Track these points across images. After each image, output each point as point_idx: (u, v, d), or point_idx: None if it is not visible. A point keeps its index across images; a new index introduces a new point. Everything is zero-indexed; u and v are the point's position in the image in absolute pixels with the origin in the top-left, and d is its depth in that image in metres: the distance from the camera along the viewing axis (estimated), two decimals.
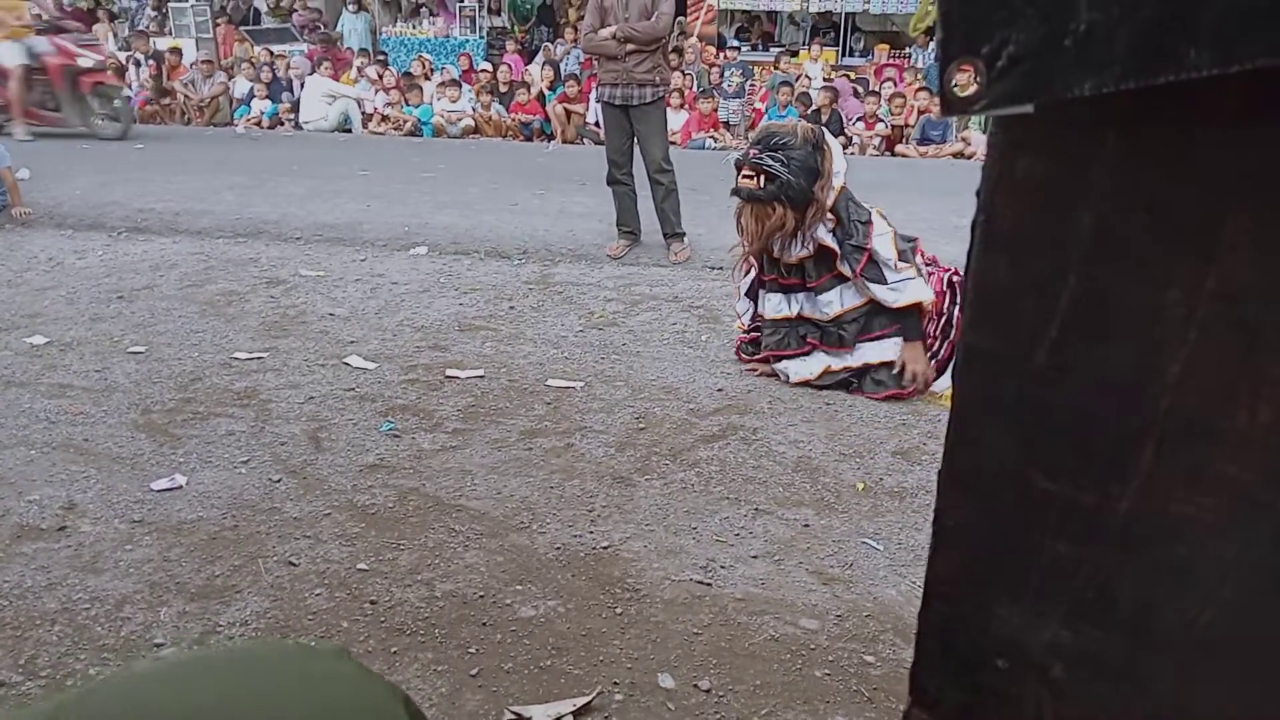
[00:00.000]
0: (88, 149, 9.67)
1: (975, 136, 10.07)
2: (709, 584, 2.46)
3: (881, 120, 10.40)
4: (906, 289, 3.61)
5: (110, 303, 4.68)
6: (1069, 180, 0.50)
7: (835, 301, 3.72)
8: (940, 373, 3.70)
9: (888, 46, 12.96)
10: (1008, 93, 0.47)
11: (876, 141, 10.29)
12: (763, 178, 3.54)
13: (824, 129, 3.80)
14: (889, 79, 11.49)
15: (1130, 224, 0.49)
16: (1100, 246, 0.49)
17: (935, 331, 3.71)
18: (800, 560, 2.58)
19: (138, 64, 12.90)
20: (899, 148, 10.31)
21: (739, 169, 3.65)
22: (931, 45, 12.89)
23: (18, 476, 2.92)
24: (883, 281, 3.62)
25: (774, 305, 3.89)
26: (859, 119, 10.53)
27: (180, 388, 3.63)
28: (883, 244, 3.63)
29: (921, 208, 7.11)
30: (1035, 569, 0.54)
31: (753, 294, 4.04)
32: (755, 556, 2.59)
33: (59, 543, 2.57)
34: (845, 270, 3.67)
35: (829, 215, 3.63)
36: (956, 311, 3.69)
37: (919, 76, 11.50)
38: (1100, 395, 0.51)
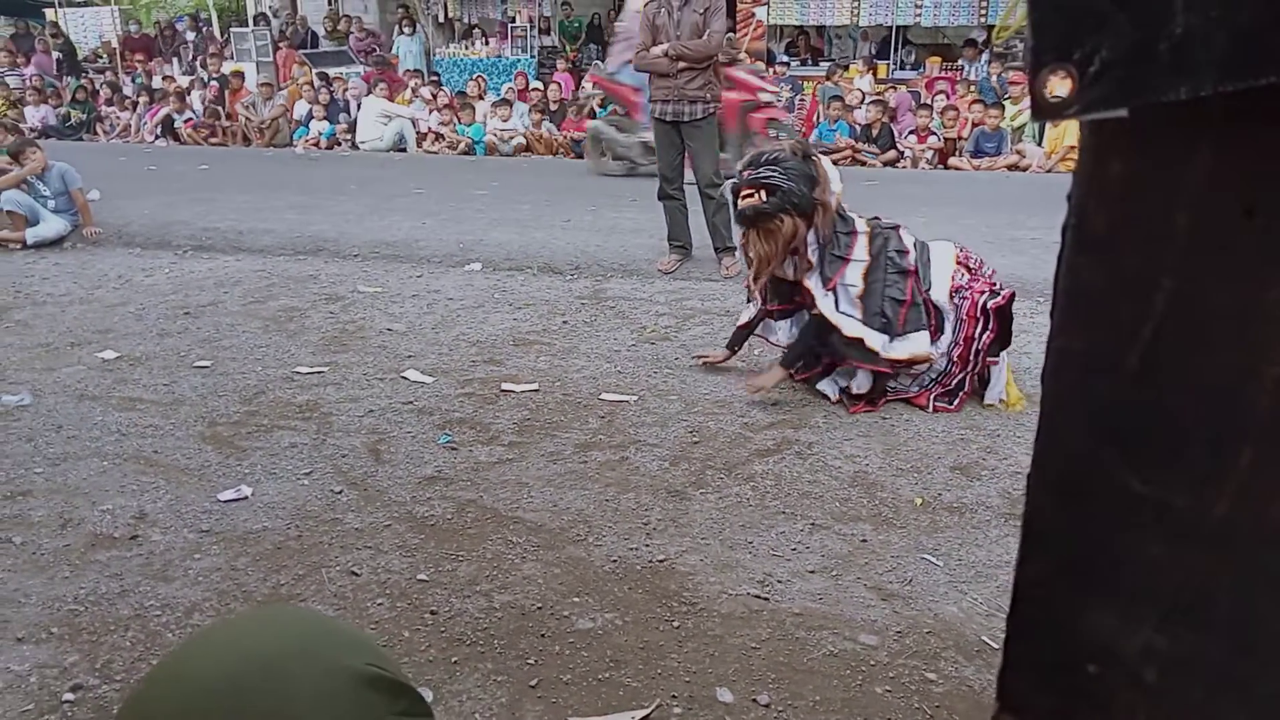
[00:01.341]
0: (154, 169, 9.98)
1: (1030, 149, 9.93)
2: (766, 598, 2.44)
3: (934, 133, 10.31)
4: (905, 344, 3.57)
5: (177, 319, 4.82)
6: (1163, 182, 0.49)
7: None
8: (956, 393, 3.67)
9: (939, 59, 12.85)
10: (1101, 97, 0.47)
11: (929, 155, 10.19)
12: (763, 192, 3.50)
13: (809, 141, 3.81)
14: (941, 91, 11.38)
15: (1227, 225, 0.48)
16: (1196, 248, 0.49)
17: (958, 356, 3.62)
18: (858, 575, 2.55)
19: (203, 85, 13.31)
20: (952, 160, 10.20)
21: (737, 193, 3.60)
22: (983, 58, 12.77)
23: (91, 487, 3.02)
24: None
25: (786, 333, 3.91)
26: (910, 132, 10.44)
27: (244, 401, 3.72)
28: (854, 272, 3.58)
29: (975, 220, 7.03)
30: (1128, 572, 0.54)
31: (759, 328, 4.02)
32: (813, 571, 2.57)
33: (131, 551, 2.65)
34: (811, 284, 3.60)
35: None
36: (986, 338, 3.58)
37: (971, 89, 11.38)
38: (1196, 397, 0.51)
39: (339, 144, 11.99)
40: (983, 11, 13.25)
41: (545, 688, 2.11)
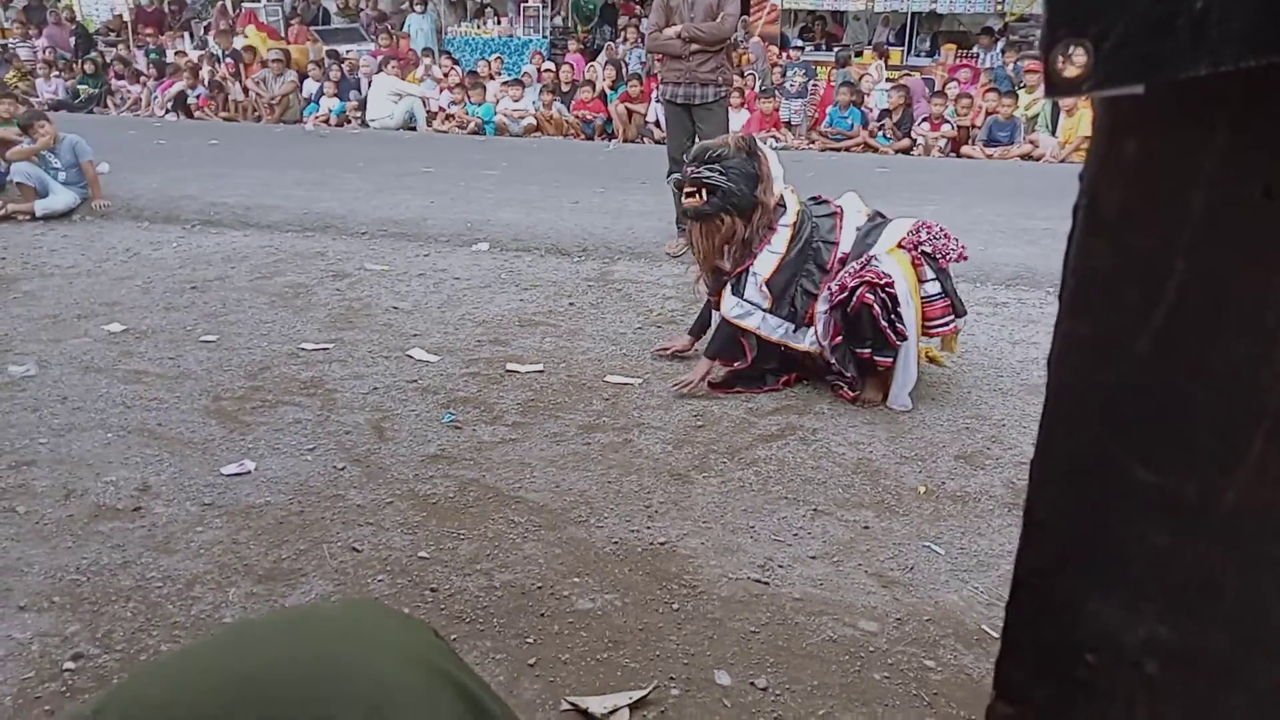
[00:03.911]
0: (164, 144, 9.97)
1: (1044, 139, 9.85)
2: (766, 583, 2.44)
3: (947, 121, 10.22)
4: (808, 336, 3.55)
5: (184, 293, 4.82)
6: (1179, 162, 0.48)
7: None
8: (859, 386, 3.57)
9: (954, 46, 12.73)
10: (1116, 74, 0.45)
11: (942, 143, 10.12)
12: (704, 192, 3.49)
13: (754, 137, 3.74)
14: (954, 80, 11.28)
15: (1244, 207, 0.47)
16: (1211, 231, 0.48)
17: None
18: (860, 562, 2.55)
19: (215, 60, 13.28)
20: (965, 149, 10.12)
21: (681, 189, 3.60)
22: (998, 45, 12.65)
23: (95, 458, 3.02)
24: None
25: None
26: (924, 119, 10.36)
27: (250, 376, 3.72)
28: (764, 262, 3.53)
29: (987, 209, 6.99)
30: (1132, 561, 0.53)
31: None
32: (814, 557, 2.57)
33: (134, 523, 2.66)
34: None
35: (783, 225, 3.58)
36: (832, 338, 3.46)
37: (987, 77, 11.29)
38: (1207, 384, 0.49)
39: (349, 121, 11.94)
40: None
41: (543, 666, 2.11)
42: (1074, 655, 0.55)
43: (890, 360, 3.44)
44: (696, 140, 5.72)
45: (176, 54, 13.88)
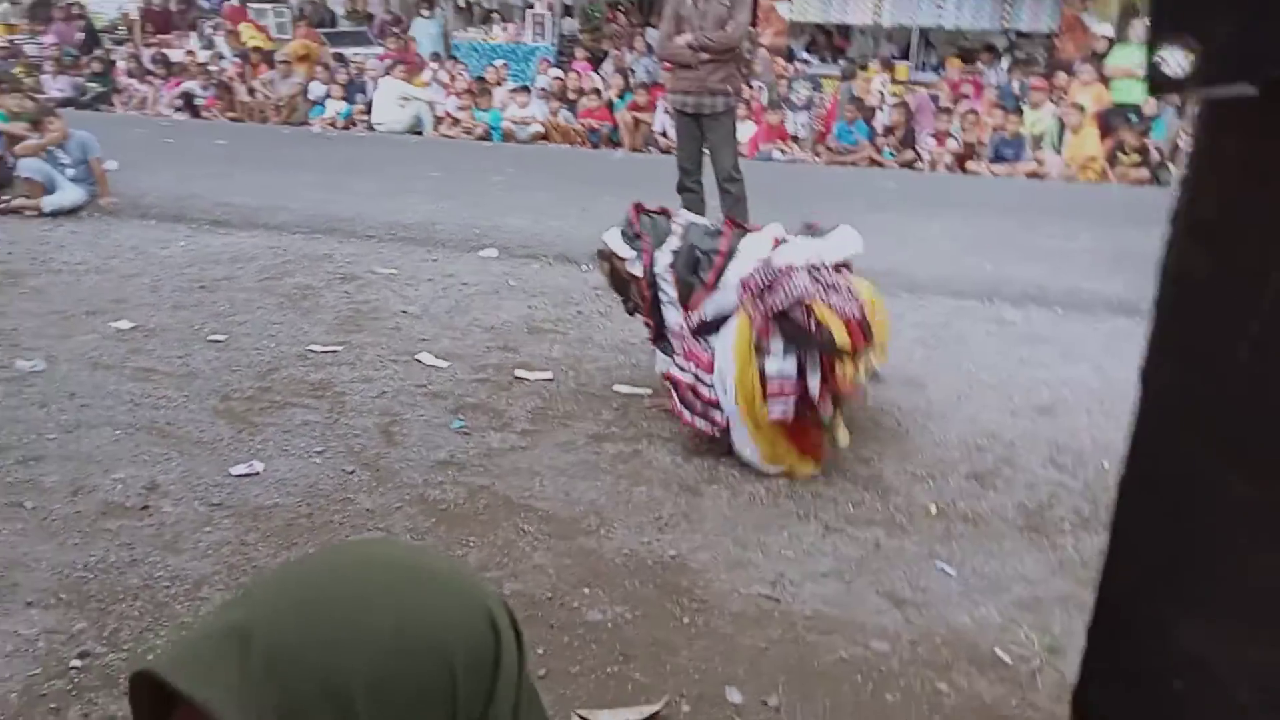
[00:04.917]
0: (171, 143, 9.97)
1: (1050, 157, 9.87)
2: (777, 599, 2.43)
3: (953, 136, 10.24)
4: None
5: (192, 292, 4.80)
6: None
7: None
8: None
9: (960, 62, 12.77)
10: (1224, 72, 0.44)
11: (947, 158, 10.14)
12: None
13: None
14: (965, 95, 11.31)
15: None
16: None
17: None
18: (871, 580, 2.54)
19: (220, 58, 13.30)
20: (970, 165, 10.14)
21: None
22: (1003, 62, 12.68)
23: (104, 455, 3.01)
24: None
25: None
26: (930, 134, 10.38)
27: (259, 377, 3.71)
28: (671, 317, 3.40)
29: (992, 226, 6.99)
30: (1226, 581, 0.51)
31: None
32: (825, 574, 2.55)
33: (141, 521, 2.64)
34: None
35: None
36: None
37: (993, 93, 11.31)
38: None
39: (355, 124, 11.94)
40: (1005, 15, 13.17)
41: (554, 678, 2.09)
42: (1161, 681, 0.53)
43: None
44: (705, 150, 5.73)
45: (185, 54, 13.88)
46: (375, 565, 0.62)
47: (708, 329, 3.15)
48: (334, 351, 4.01)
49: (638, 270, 3.43)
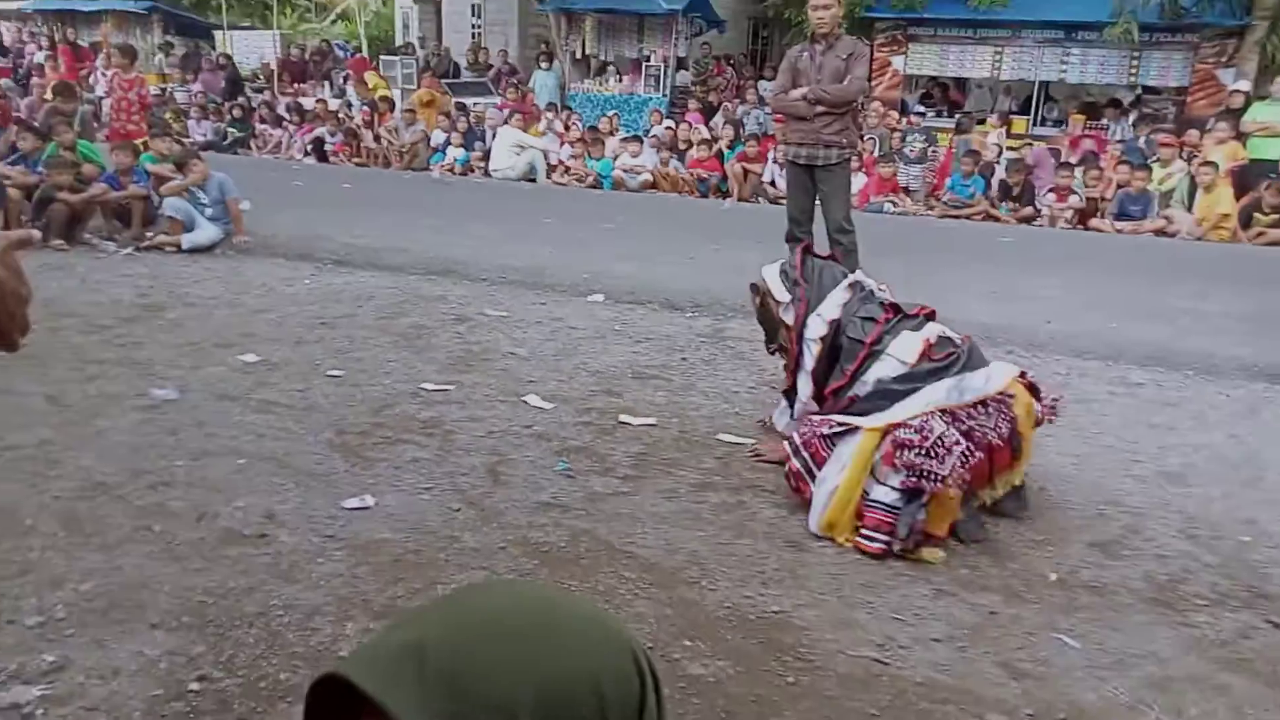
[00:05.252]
0: (301, 185, 10.50)
1: (1179, 215, 9.45)
2: (887, 663, 2.33)
3: (1075, 192, 9.93)
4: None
5: (314, 328, 5.01)
6: None
7: None
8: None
9: (1084, 117, 12.42)
10: None
11: (1069, 214, 9.82)
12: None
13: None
14: (1090, 151, 10.96)
15: None
16: None
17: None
18: (987, 649, 2.41)
19: (349, 106, 14.02)
20: (1093, 222, 9.80)
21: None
22: (1129, 117, 12.26)
23: (226, 484, 3.13)
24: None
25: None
26: (1049, 190, 10.09)
27: (373, 412, 3.82)
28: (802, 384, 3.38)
29: (1117, 286, 6.72)
30: None
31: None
32: (937, 639, 2.45)
33: (259, 549, 2.73)
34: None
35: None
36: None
37: (1118, 148, 10.95)
38: None
39: (473, 170, 12.36)
40: (1133, 70, 12.77)
41: None
42: None
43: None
44: (818, 202, 5.70)
45: (317, 102, 14.67)
46: (542, 602, 0.69)
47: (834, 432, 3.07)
48: (445, 390, 4.11)
49: (789, 318, 3.42)
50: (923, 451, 2.81)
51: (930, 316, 3.29)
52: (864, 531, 2.87)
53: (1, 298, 0.94)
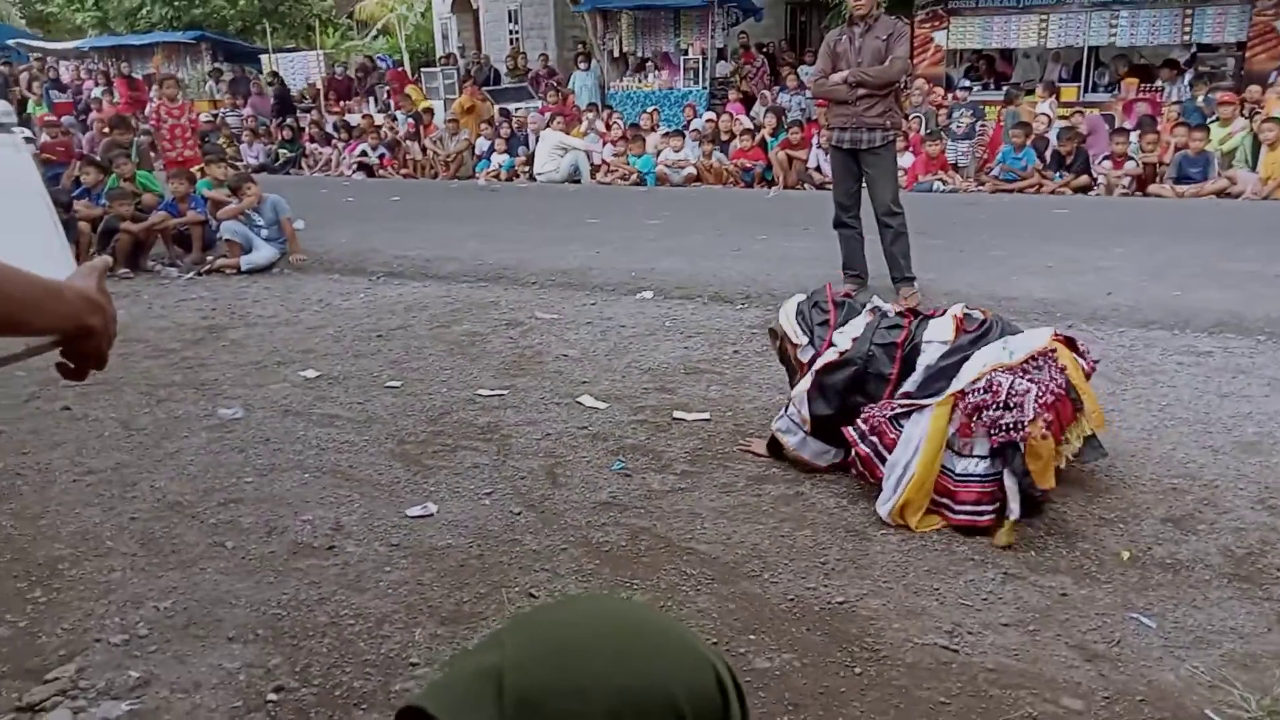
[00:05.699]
0: (352, 201, 10.69)
1: (1242, 174, 9.13)
2: (956, 650, 2.30)
3: (1131, 158, 9.65)
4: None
5: (370, 341, 5.10)
6: None
7: None
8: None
9: (1136, 81, 12.06)
10: None
11: (1126, 181, 9.55)
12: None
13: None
14: (1144, 114, 10.65)
15: None
16: None
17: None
18: (1058, 632, 2.37)
19: (394, 120, 14.25)
20: (1152, 187, 9.52)
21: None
22: (1185, 77, 11.86)
23: (294, 497, 3.21)
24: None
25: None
26: (1105, 157, 9.82)
27: (431, 421, 3.88)
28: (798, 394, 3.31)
29: (1181, 251, 6.52)
30: None
31: None
32: (1006, 624, 2.41)
33: (328, 560, 2.79)
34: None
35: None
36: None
37: (1174, 110, 10.61)
38: None
39: (517, 175, 12.46)
40: (1186, 29, 12.36)
41: None
42: None
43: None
44: (864, 185, 5.63)
45: (364, 117, 14.92)
46: (618, 620, 0.70)
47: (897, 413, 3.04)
48: (500, 395, 4.16)
49: (806, 358, 3.39)
50: (1000, 405, 2.79)
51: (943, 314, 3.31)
52: (963, 509, 2.84)
53: (106, 321, 0.98)
